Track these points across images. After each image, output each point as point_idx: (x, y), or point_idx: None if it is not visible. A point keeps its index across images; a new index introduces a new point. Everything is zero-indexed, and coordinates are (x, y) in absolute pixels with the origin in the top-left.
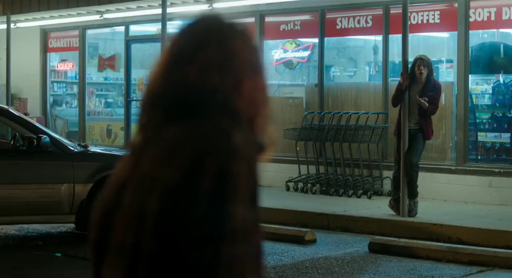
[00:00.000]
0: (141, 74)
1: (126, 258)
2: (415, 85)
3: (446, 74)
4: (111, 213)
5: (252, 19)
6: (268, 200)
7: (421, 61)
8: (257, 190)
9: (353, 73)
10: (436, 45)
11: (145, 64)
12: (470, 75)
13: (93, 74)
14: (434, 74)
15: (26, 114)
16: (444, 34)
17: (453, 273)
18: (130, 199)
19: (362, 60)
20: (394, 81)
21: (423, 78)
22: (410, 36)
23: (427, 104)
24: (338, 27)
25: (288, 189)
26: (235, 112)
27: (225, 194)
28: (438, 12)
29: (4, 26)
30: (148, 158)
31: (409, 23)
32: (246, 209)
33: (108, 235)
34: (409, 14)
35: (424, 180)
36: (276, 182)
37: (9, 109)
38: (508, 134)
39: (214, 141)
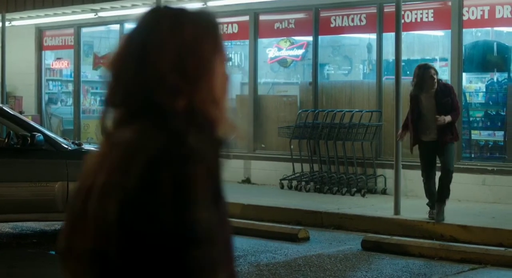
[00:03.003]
0: None
1: (95, 268)
2: (427, 94)
3: (440, 73)
4: (79, 221)
5: (246, 18)
6: (262, 198)
7: (431, 70)
8: (219, 188)
9: (347, 72)
10: (430, 43)
11: None
12: (463, 74)
13: (88, 73)
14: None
15: (21, 112)
16: (438, 33)
17: (445, 270)
18: (94, 208)
19: (356, 58)
20: (388, 79)
21: (435, 86)
22: (404, 34)
23: (447, 119)
24: (332, 25)
25: (282, 187)
26: (193, 108)
27: (185, 198)
28: (432, 11)
29: None
30: (108, 162)
31: (402, 21)
32: (209, 210)
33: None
34: (402, 12)
35: (418, 178)
36: (270, 180)
37: (4, 107)
38: (502, 133)
39: (166, 145)
